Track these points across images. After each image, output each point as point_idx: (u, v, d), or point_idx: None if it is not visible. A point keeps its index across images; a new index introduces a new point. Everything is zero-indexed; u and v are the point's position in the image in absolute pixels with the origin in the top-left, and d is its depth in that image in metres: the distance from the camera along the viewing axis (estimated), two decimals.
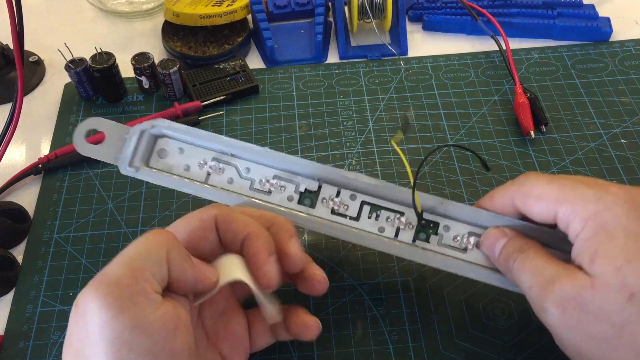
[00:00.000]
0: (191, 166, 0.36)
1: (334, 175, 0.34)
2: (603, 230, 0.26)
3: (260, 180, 0.35)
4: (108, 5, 0.62)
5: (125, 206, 0.45)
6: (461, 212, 0.33)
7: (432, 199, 0.33)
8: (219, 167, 0.35)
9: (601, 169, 0.45)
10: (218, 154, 0.36)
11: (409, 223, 0.34)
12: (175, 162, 0.36)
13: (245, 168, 0.35)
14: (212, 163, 0.35)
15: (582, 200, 0.27)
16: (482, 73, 0.53)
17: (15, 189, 0.46)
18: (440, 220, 0.34)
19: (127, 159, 0.36)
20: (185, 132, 0.35)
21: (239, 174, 0.35)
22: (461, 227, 0.33)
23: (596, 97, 0.51)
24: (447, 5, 0.58)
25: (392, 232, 0.34)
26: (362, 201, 0.34)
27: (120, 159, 0.36)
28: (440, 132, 0.49)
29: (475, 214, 0.33)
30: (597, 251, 0.26)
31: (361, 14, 0.54)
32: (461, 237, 0.33)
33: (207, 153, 0.36)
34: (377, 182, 0.34)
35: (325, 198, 0.34)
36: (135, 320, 0.24)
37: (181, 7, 0.54)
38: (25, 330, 0.38)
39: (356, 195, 0.34)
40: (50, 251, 0.42)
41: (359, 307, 0.39)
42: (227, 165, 0.36)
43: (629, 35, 0.56)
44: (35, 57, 0.56)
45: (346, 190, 0.34)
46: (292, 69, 0.55)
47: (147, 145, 0.36)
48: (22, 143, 0.50)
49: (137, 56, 0.51)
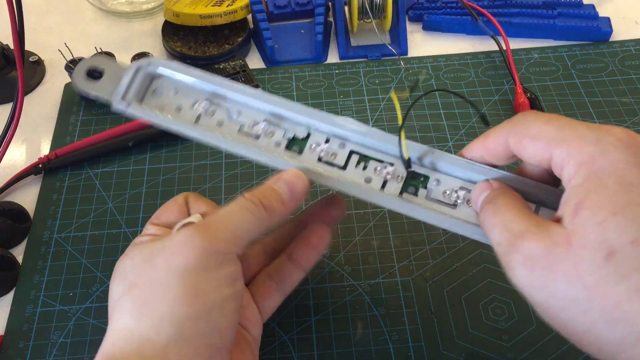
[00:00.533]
0: (183, 107, 0.35)
1: (322, 118, 0.33)
2: (596, 176, 0.23)
3: (250, 125, 0.34)
4: (108, 5, 0.62)
5: (125, 206, 0.45)
6: (452, 163, 0.31)
7: (421, 148, 0.31)
8: (210, 110, 0.35)
9: None
10: (211, 95, 0.35)
11: (398, 175, 0.32)
12: (168, 102, 0.36)
13: (237, 111, 0.35)
14: (204, 104, 0.35)
15: (580, 141, 0.24)
16: (482, 73, 0.53)
17: (15, 189, 0.46)
18: (431, 174, 0.32)
19: (119, 94, 0.35)
20: (178, 70, 0.35)
21: (230, 116, 0.35)
22: (452, 182, 0.31)
23: (596, 97, 0.51)
24: (447, 5, 0.58)
25: (380, 183, 0.32)
26: (351, 150, 0.33)
27: (114, 94, 0.36)
28: (441, 131, 0.49)
29: (466, 166, 0.31)
30: (583, 201, 0.23)
31: (361, 14, 0.54)
32: (451, 191, 0.31)
33: (200, 94, 0.35)
34: (366, 128, 0.32)
35: (313, 145, 0.33)
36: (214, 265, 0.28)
37: (181, 7, 0.54)
38: (25, 330, 0.38)
39: (345, 144, 0.33)
40: (50, 251, 0.42)
41: (359, 307, 0.39)
42: (219, 107, 0.35)
43: (629, 35, 0.56)
44: (35, 57, 0.56)
45: (336, 138, 0.33)
46: (292, 69, 0.55)
47: (141, 83, 0.36)
48: (22, 143, 0.50)
49: (137, 56, 0.51)
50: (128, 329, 0.28)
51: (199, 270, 0.28)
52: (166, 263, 0.28)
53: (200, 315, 0.27)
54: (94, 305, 0.39)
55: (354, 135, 0.33)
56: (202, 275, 0.28)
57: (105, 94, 0.36)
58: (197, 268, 0.28)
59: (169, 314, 0.27)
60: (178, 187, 0.46)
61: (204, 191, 0.45)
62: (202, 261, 0.28)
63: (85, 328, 0.38)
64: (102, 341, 0.28)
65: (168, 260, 0.28)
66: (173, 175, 0.47)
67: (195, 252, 0.28)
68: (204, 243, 0.28)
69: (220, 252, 0.28)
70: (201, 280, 0.28)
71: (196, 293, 0.27)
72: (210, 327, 0.28)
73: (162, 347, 0.27)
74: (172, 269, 0.28)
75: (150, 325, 0.27)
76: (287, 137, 0.34)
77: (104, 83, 0.36)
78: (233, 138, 0.34)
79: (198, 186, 0.46)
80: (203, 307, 0.27)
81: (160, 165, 0.47)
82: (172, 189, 0.46)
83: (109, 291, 0.30)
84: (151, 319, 0.27)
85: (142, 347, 0.27)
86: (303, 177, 0.32)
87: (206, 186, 0.46)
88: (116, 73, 0.36)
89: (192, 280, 0.28)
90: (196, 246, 0.28)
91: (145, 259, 0.30)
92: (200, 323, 0.27)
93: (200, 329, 0.27)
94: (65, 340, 0.38)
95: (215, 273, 0.28)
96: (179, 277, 0.28)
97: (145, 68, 0.35)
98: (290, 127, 0.34)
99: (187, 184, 0.46)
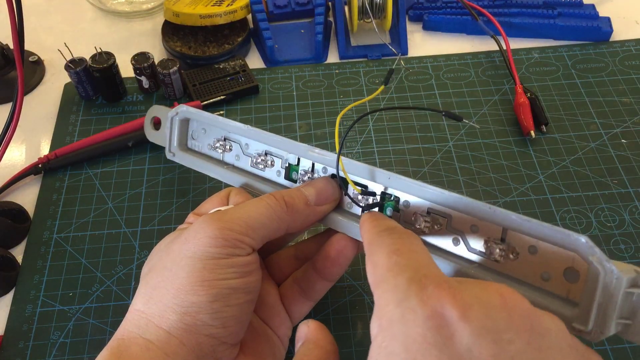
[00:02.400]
0: (212, 145, 0.40)
1: (297, 150, 0.35)
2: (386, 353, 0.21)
3: (256, 155, 0.37)
4: (108, 5, 0.62)
5: (125, 206, 0.45)
6: (406, 186, 0.31)
7: (382, 173, 0.32)
8: (227, 146, 0.39)
9: (601, 168, 0.45)
10: (226, 132, 0.39)
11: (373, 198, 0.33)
12: (201, 142, 0.40)
13: (245, 144, 0.38)
14: (222, 141, 0.39)
15: (388, 295, 0.23)
16: (482, 73, 0.53)
17: (15, 189, 0.46)
18: (402, 195, 0.32)
19: (166, 146, 0.41)
20: (195, 115, 0.40)
21: (242, 149, 0.38)
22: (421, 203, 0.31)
23: (596, 97, 0.51)
24: (447, 5, 0.58)
25: (357, 208, 0.34)
26: (332, 174, 0.34)
27: (166, 145, 0.42)
28: (441, 131, 0.48)
29: (418, 188, 0.31)
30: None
31: (361, 14, 0.54)
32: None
33: (218, 132, 0.39)
34: (325, 154, 0.34)
35: (302, 171, 0.35)
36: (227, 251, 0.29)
37: (181, 6, 0.54)
38: (25, 330, 0.38)
39: (327, 169, 0.34)
40: (50, 251, 0.42)
41: (359, 307, 0.39)
42: (233, 142, 0.39)
43: (630, 35, 0.56)
44: (35, 57, 0.56)
45: (318, 163, 0.35)
46: (292, 68, 0.55)
47: (180, 130, 0.41)
48: (22, 143, 0.50)
49: (137, 56, 0.51)
50: (138, 312, 0.28)
51: (207, 258, 0.28)
52: (179, 249, 0.29)
53: (204, 305, 0.27)
54: (94, 305, 0.39)
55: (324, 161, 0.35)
56: (209, 263, 0.28)
57: (163, 143, 0.43)
58: (205, 255, 0.28)
59: (173, 300, 0.27)
60: (178, 187, 0.46)
61: (204, 191, 0.45)
62: (210, 249, 0.28)
63: (85, 328, 0.38)
64: (105, 339, 0.28)
65: (180, 246, 0.29)
66: (173, 175, 0.47)
67: (205, 239, 0.28)
68: (214, 231, 0.28)
69: (231, 241, 0.28)
70: (208, 269, 0.28)
71: (202, 281, 0.27)
72: (213, 318, 0.28)
73: (166, 333, 0.27)
74: (182, 255, 0.28)
75: (157, 311, 0.28)
76: (284, 166, 0.36)
77: (161, 133, 0.44)
78: (248, 172, 0.38)
79: (198, 186, 0.46)
80: (207, 296, 0.27)
81: (160, 165, 0.47)
82: (172, 189, 0.46)
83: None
84: (158, 305, 0.28)
85: (148, 332, 0.27)
86: (334, 184, 0.33)
87: (206, 186, 0.46)
88: (165, 121, 0.42)
89: (198, 268, 0.28)
90: (206, 233, 0.28)
91: (167, 245, 0.31)
92: (203, 312, 0.27)
93: (202, 319, 0.27)
94: (65, 340, 0.38)
95: (223, 262, 0.28)
96: (186, 263, 0.28)
97: (175, 117, 0.40)
98: (285, 154, 0.36)
99: (187, 183, 0.46)
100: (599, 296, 0.24)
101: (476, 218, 0.29)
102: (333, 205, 0.34)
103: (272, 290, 0.34)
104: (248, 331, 0.31)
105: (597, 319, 0.24)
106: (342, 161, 0.32)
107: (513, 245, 0.28)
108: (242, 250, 0.29)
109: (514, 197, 0.44)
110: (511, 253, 0.28)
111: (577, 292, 0.26)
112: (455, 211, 0.29)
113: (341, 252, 0.33)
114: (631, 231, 0.42)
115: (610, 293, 0.24)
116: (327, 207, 0.33)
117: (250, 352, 0.31)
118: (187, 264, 0.28)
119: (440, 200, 0.30)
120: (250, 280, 0.29)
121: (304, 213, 0.32)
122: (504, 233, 0.28)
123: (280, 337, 0.33)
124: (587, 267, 0.25)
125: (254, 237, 0.30)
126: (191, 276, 0.28)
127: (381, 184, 0.32)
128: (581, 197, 0.44)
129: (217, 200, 0.35)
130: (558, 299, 0.26)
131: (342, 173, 0.32)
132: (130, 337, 0.28)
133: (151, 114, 0.44)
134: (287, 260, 0.36)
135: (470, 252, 0.29)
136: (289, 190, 0.33)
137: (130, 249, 0.42)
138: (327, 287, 0.35)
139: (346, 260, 0.33)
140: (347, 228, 0.33)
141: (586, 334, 0.25)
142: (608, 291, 0.24)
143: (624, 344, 0.36)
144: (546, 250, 0.27)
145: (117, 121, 0.50)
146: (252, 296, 0.30)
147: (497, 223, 0.28)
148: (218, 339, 0.28)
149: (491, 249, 0.28)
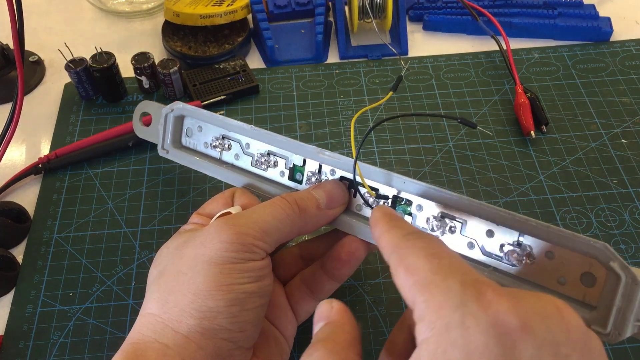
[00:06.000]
0: (208, 143, 0.39)
1: (305, 152, 0.35)
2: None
3: (258, 155, 0.37)
4: (108, 5, 0.62)
5: (125, 206, 0.45)
6: (414, 188, 0.31)
7: (392, 177, 0.32)
8: (226, 144, 0.38)
9: (602, 168, 0.45)
10: (225, 131, 0.38)
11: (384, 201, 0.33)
12: (197, 140, 0.40)
13: (246, 144, 0.38)
14: (221, 139, 0.39)
15: (443, 298, 0.21)
16: (482, 73, 0.53)
17: (15, 189, 0.46)
18: (414, 199, 0.32)
19: (159, 143, 0.41)
20: (192, 113, 0.39)
21: (242, 148, 0.38)
22: (433, 208, 0.31)
23: (597, 97, 0.51)
24: (447, 5, 0.58)
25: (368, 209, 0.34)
26: (341, 176, 0.34)
27: (158, 142, 0.41)
28: (441, 131, 0.48)
29: (426, 190, 0.31)
30: None
31: (361, 14, 0.54)
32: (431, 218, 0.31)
33: (217, 130, 0.39)
34: (337, 156, 0.33)
35: (309, 172, 0.35)
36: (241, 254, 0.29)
37: (181, 6, 0.54)
38: (25, 330, 0.38)
39: (335, 171, 0.34)
40: (50, 251, 0.42)
41: (359, 307, 0.39)
42: (232, 141, 0.38)
43: (630, 35, 0.56)
44: (35, 57, 0.56)
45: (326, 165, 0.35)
46: (292, 68, 0.55)
47: (174, 127, 0.40)
48: (22, 143, 0.50)
49: (137, 56, 0.51)
50: (153, 317, 0.28)
51: (224, 263, 0.28)
52: (193, 253, 0.29)
53: (221, 309, 0.27)
54: (94, 306, 0.39)
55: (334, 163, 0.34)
56: (226, 268, 0.28)
57: (155, 139, 0.42)
58: (221, 260, 0.28)
59: (191, 305, 0.27)
60: (178, 187, 0.46)
61: (204, 191, 0.45)
62: (227, 253, 0.28)
63: (85, 328, 0.38)
64: (106, 339, 0.28)
65: (195, 250, 0.29)
66: (173, 175, 0.47)
67: (221, 244, 0.28)
68: (231, 236, 0.28)
69: (247, 246, 0.29)
70: (225, 273, 0.28)
71: (219, 286, 0.28)
72: (231, 323, 0.28)
73: (183, 338, 0.27)
74: (198, 260, 0.28)
75: (173, 315, 0.28)
76: (288, 167, 0.36)
77: (152, 129, 0.42)
78: (250, 172, 0.37)
79: (198, 186, 0.46)
80: (224, 300, 0.27)
81: (160, 165, 0.47)
82: (172, 189, 0.46)
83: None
84: (174, 310, 0.28)
85: (164, 336, 0.27)
86: (343, 187, 0.33)
87: (206, 186, 0.46)
88: (157, 117, 0.41)
89: (215, 273, 0.28)
90: (222, 238, 0.28)
91: (178, 248, 0.30)
92: (221, 317, 0.27)
93: (220, 323, 0.27)
94: (65, 341, 0.38)
95: (240, 267, 0.28)
96: (203, 268, 0.28)
97: (170, 114, 0.40)
98: (289, 155, 0.36)
99: (187, 183, 0.46)
100: (618, 300, 0.25)
101: (494, 224, 0.29)
102: (343, 209, 0.34)
103: (279, 291, 0.34)
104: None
105: (615, 322, 0.25)
106: (358, 166, 0.32)
107: (529, 250, 0.28)
108: (257, 255, 0.29)
109: (514, 197, 0.44)
110: (527, 258, 0.28)
111: (594, 296, 0.26)
112: (472, 216, 0.30)
113: (353, 255, 0.33)
114: (631, 231, 0.42)
115: (629, 297, 0.25)
116: (337, 211, 0.33)
117: (261, 354, 0.31)
118: (203, 269, 0.28)
119: (457, 206, 0.30)
120: (264, 284, 0.29)
121: (315, 217, 0.32)
122: (520, 237, 0.28)
123: (286, 337, 0.33)
124: (606, 273, 0.25)
125: (268, 242, 0.30)
126: (208, 281, 0.28)
127: (395, 188, 0.32)
128: (581, 197, 0.44)
129: (222, 200, 0.35)
130: (574, 302, 0.27)
131: (359, 178, 0.32)
132: (146, 342, 0.28)
133: (141, 109, 0.43)
134: (292, 260, 0.36)
135: (485, 255, 0.29)
136: (300, 193, 0.33)
137: (130, 249, 0.42)
138: (335, 288, 0.35)
139: (357, 262, 0.33)
140: (357, 230, 0.33)
141: (604, 336, 0.25)
142: (628, 296, 0.25)
143: (624, 344, 0.36)
144: (563, 256, 0.27)
145: (117, 121, 0.50)
146: (265, 300, 0.30)
147: (516, 229, 0.28)
148: (235, 342, 0.28)
149: (507, 254, 0.29)
